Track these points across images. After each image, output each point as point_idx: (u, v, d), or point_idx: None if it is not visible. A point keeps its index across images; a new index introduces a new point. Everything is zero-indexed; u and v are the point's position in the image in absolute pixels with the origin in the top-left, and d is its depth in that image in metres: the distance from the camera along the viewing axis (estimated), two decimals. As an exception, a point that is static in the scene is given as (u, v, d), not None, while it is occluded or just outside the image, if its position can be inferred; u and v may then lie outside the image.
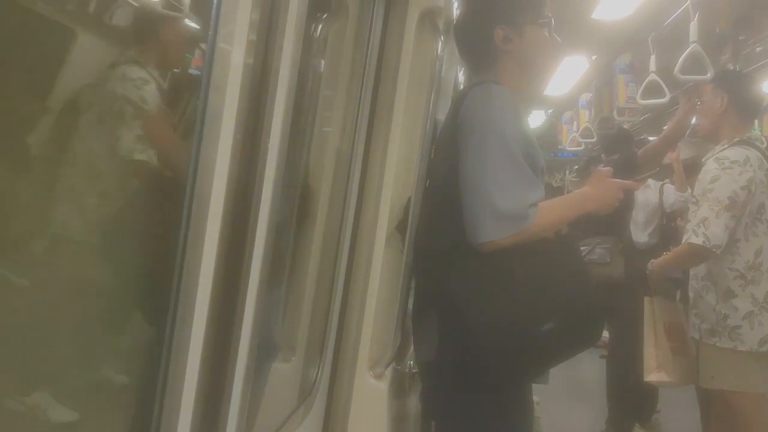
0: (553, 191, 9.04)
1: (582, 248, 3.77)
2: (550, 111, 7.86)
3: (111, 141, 1.24)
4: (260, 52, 0.89)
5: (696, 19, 2.61)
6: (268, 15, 0.90)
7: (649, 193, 4.72)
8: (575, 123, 6.15)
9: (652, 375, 2.55)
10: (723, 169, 2.34)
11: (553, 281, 1.52)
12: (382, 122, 1.60)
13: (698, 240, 2.30)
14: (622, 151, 4.34)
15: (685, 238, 2.40)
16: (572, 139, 6.42)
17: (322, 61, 1.66)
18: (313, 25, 1.64)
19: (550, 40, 1.71)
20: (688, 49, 2.61)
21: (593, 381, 4.52)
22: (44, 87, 1.01)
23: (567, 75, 5.12)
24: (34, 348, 0.94)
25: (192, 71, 1.52)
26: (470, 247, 1.49)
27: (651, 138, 6.32)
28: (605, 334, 3.90)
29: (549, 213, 1.55)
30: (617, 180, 1.70)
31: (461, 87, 2.73)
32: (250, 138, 0.88)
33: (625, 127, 5.04)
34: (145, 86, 1.32)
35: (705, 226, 2.30)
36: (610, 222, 3.51)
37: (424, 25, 1.61)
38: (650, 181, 4.52)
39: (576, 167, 9.02)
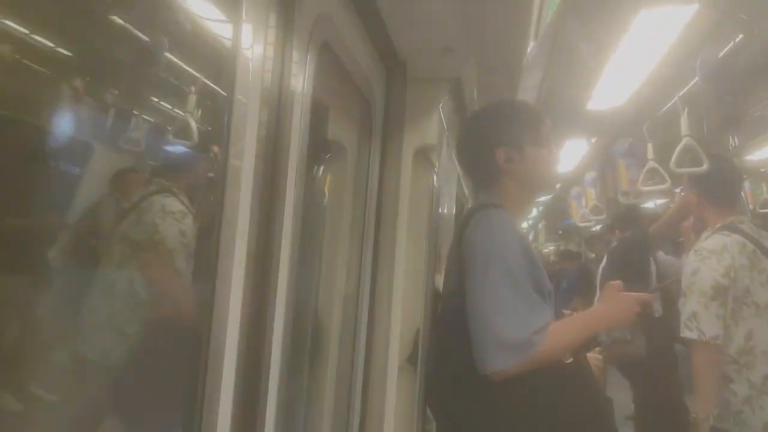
0: (572, 256, 9.03)
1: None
2: (558, 185, 7.94)
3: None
4: (266, 199, 0.97)
5: (686, 113, 2.69)
6: (271, 165, 0.99)
7: None
8: (583, 199, 6.21)
9: None
10: (701, 261, 2.40)
11: (567, 409, 1.51)
12: (386, 256, 1.66)
13: (693, 335, 2.33)
14: (633, 228, 4.37)
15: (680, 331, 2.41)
16: (582, 215, 6.46)
17: (325, 199, 1.74)
18: (315, 166, 1.73)
19: (549, 155, 1.76)
20: (681, 143, 2.68)
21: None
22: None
23: (569, 155, 5.21)
24: None
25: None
26: (481, 375, 1.50)
27: (660, 201, 6.37)
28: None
29: (559, 337, 1.53)
30: (631, 294, 1.66)
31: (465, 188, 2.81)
32: (261, 275, 0.95)
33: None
34: (185, 219, 1.42)
35: (697, 320, 2.33)
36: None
37: (419, 161, 1.69)
38: None
39: (588, 236, 9.03)
